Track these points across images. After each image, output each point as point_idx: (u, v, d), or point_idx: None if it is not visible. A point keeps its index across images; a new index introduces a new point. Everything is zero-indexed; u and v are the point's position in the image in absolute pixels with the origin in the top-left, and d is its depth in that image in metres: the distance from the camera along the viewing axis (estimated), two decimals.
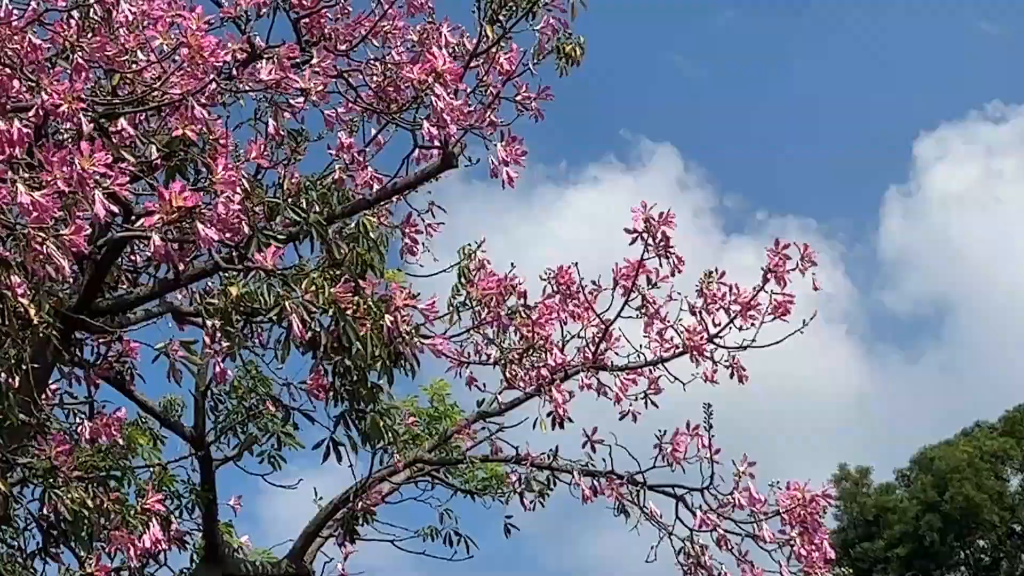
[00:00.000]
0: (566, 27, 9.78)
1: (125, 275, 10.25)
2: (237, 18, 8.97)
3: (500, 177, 9.19)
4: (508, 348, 10.85)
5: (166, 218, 7.12)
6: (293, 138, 9.73)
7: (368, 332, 8.51)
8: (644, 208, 10.70)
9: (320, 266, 9.02)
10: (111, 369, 10.23)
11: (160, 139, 8.81)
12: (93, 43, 8.05)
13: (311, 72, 8.98)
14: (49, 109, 7.51)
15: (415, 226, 10.01)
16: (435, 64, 8.82)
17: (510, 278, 10.81)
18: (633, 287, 11.09)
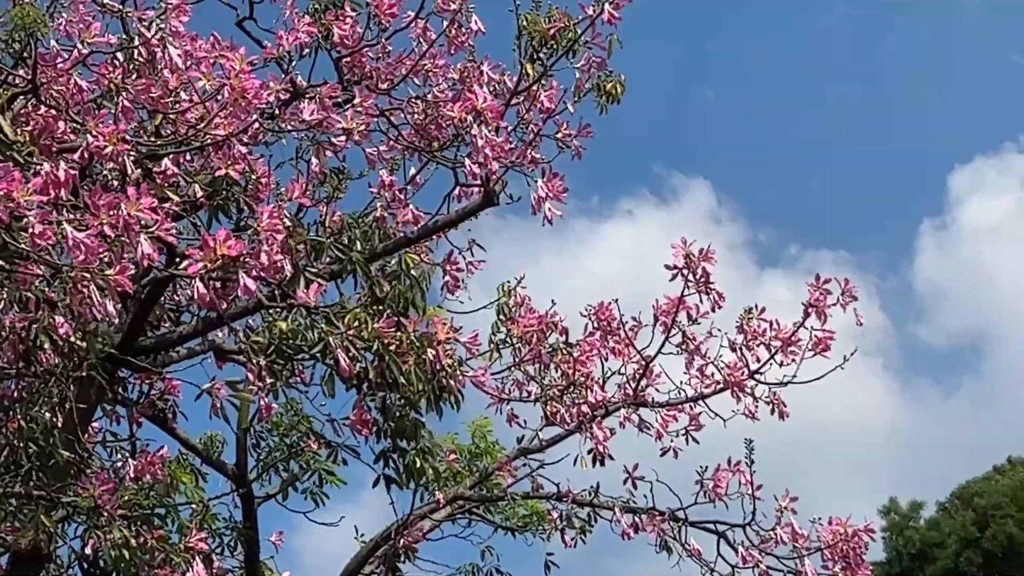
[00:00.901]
0: (604, 64, 9.80)
1: (168, 314, 10.31)
2: (280, 58, 9.03)
3: (541, 213, 9.19)
4: (549, 385, 10.86)
5: (210, 265, 7.16)
6: (335, 176, 9.77)
7: (411, 367, 8.55)
8: (684, 244, 10.70)
9: (363, 303, 9.06)
10: (153, 407, 10.29)
11: (203, 178, 8.87)
12: (138, 85, 8.11)
13: (353, 111, 9.02)
14: (94, 151, 7.56)
15: (456, 263, 10.05)
16: (476, 102, 8.86)
17: (551, 315, 10.83)
18: (673, 323, 11.10)
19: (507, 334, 10.83)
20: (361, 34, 9.45)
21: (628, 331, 11.27)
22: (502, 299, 10.96)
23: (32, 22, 7.49)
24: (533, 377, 10.97)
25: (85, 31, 8.14)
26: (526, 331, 10.71)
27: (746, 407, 11.28)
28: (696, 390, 11.35)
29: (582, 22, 9.54)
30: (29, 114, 8.05)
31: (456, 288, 10.19)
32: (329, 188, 9.81)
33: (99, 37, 8.19)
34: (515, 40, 9.54)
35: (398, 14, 9.42)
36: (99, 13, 8.59)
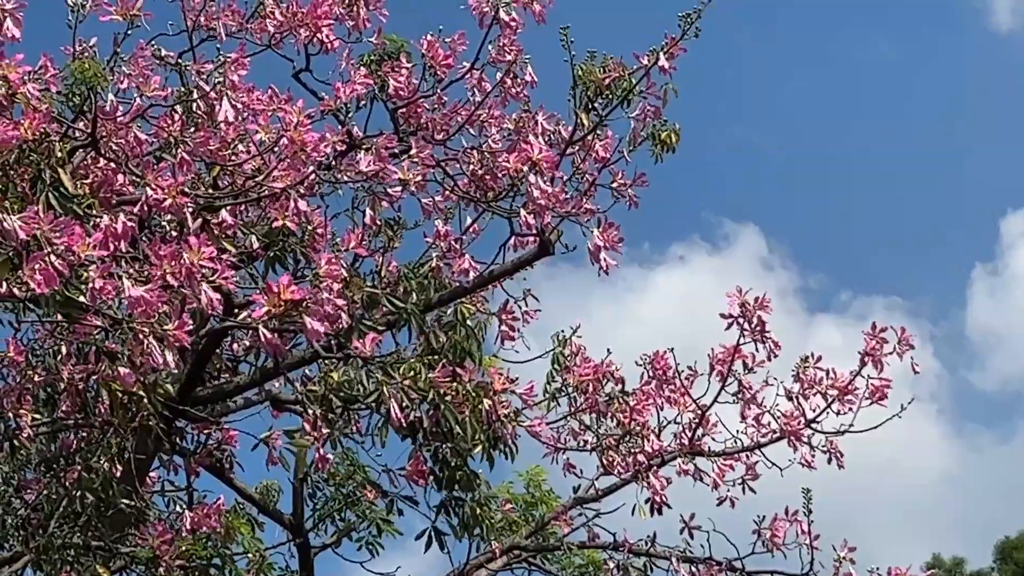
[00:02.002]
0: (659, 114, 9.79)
1: (225, 364, 10.33)
2: (336, 110, 9.05)
3: (597, 263, 9.16)
4: (605, 434, 10.79)
5: (273, 311, 7.17)
6: (390, 227, 9.76)
7: (467, 417, 8.53)
8: (740, 293, 10.65)
9: (418, 353, 9.05)
10: (211, 457, 10.30)
11: (260, 229, 8.91)
12: (196, 137, 8.15)
13: (409, 162, 9.03)
14: (154, 203, 7.59)
15: (511, 313, 10.03)
16: (531, 153, 8.86)
17: (606, 364, 10.77)
18: (729, 372, 11.02)
19: (563, 383, 10.77)
20: (417, 85, 9.49)
21: (684, 380, 11.20)
22: (557, 348, 10.89)
23: (92, 76, 7.56)
24: (589, 426, 10.89)
25: (144, 84, 8.20)
26: (582, 380, 10.65)
27: (803, 456, 11.17)
28: (753, 439, 11.25)
29: (637, 72, 9.54)
30: (89, 167, 8.09)
31: (511, 338, 10.16)
32: (384, 238, 9.79)
33: (158, 90, 8.24)
34: (570, 90, 9.56)
35: (453, 65, 9.45)
36: (158, 66, 8.66)
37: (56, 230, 6.36)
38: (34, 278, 6.25)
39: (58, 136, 7.40)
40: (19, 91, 7.30)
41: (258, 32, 9.27)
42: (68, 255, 6.36)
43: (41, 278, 6.27)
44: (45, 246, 6.32)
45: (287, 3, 9.26)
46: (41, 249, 6.32)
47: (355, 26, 9.35)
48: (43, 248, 6.33)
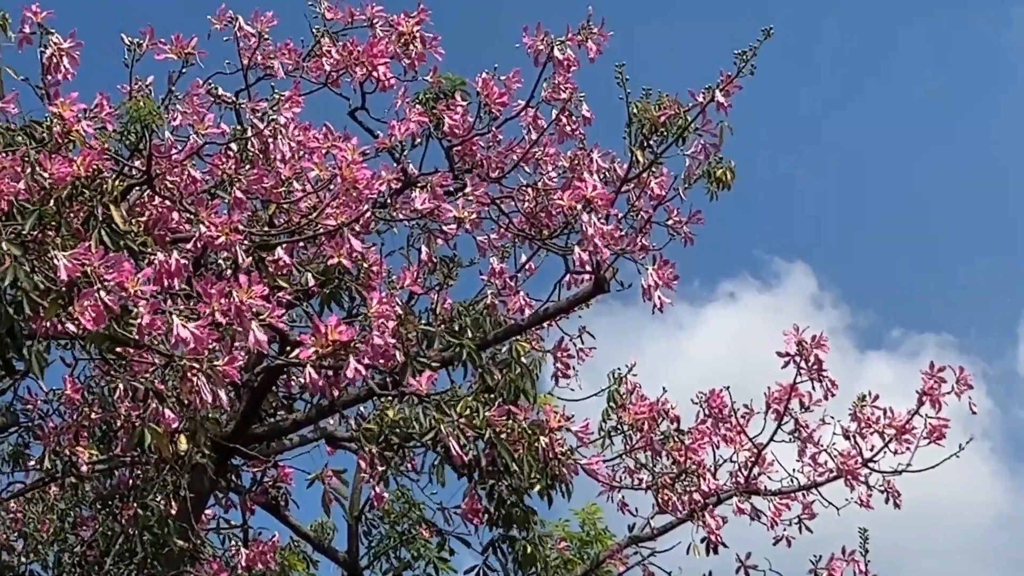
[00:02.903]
0: (716, 150, 9.67)
1: (281, 401, 10.26)
2: (392, 148, 8.99)
3: (651, 301, 9.03)
4: (661, 472, 10.65)
5: (321, 351, 7.10)
6: (445, 264, 9.68)
7: (523, 455, 8.44)
8: (796, 331, 10.51)
9: (474, 391, 8.96)
10: (266, 494, 10.24)
11: (315, 267, 8.84)
12: (251, 176, 8.10)
13: (464, 200, 8.95)
14: (207, 241, 7.53)
15: (567, 351, 9.95)
16: (586, 191, 8.74)
17: (662, 402, 10.64)
18: (786, 411, 10.86)
19: (618, 421, 10.65)
20: (472, 123, 9.40)
21: (740, 418, 11.05)
22: (613, 386, 10.77)
23: (148, 114, 7.51)
24: (644, 465, 10.76)
25: (199, 123, 8.14)
26: (637, 418, 10.52)
27: (860, 495, 10.99)
28: (809, 478, 11.07)
29: (692, 109, 9.43)
30: (144, 205, 8.04)
31: (566, 375, 10.07)
32: (440, 276, 9.71)
33: (213, 128, 8.19)
34: (625, 127, 9.44)
35: (508, 103, 9.37)
36: (213, 104, 8.62)
37: (106, 266, 6.30)
38: (84, 315, 6.19)
39: (112, 173, 7.35)
40: (73, 129, 7.27)
41: (314, 70, 9.22)
42: (118, 291, 6.30)
43: (92, 315, 6.21)
44: (95, 282, 6.26)
45: (343, 42, 9.21)
46: (91, 286, 6.26)
47: (411, 64, 9.28)
48: (93, 285, 6.27)
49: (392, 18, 9.31)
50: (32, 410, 9.97)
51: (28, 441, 10.14)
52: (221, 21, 8.96)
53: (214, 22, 8.96)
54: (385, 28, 9.31)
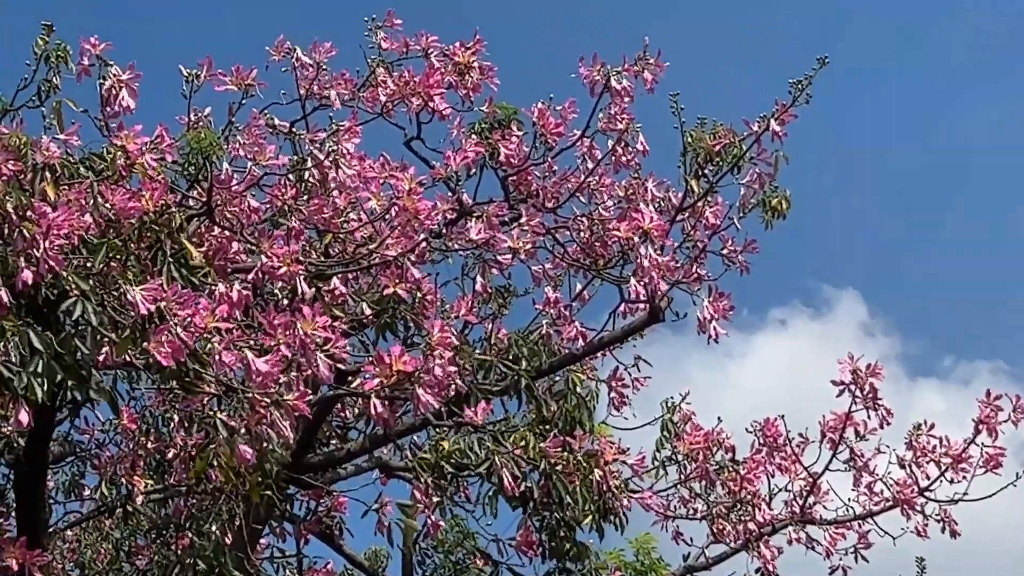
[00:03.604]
0: (771, 179, 9.62)
1: (335, 431, 10.25)
2: (448, 178, 8.97)
3: (707, 332, 9.00)
4: (715, 502, 10.58)
5: (385, 381, 7.08)
6: (500, 294, 9.65)
7: (577, 487, 8.40)
8: (851, 359, 10.44)
9: (529, 422, 8.93)
10: (320, 524, 10.23)
11: (371, 297, 8.83)
12: (310, 206, 8.10)
13: (520, 230, 8.92)
14: (268, 271, 7.53)
15: (622, 380, 9.89)
16: (642, 222, 8.73)
17: (716, 431, 10.58)
18: (841, 440, 10.78)
19: (672, 451, 10.58)
20: (527, 153, 9.37)
21: (795, 447, 10.98)
22: (666, 416, 10.70)
23: (208, 146, 7.53)
24: (699, 494, 10.69)
25: (259, 153, 8.14)
26: (692, 448, 10.45)
27: (916, 525, 10.90)
28: (865, 507, 10.99)
29: (747, 138, 9.40)
30: (204, 235, 8.05)
31: (621, 405, 10.01)
32: (494, 306, 9.68)
33: (272, 159, 8.19)
34: (680, 157, 9.41)
35: (564, 133, 9.33)
36: (272, 135, 8.63)
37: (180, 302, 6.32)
38: (160, 351, 6.20)
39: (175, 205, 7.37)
40: (137, 161, 7.28)
41: (370, 101, 9.20)
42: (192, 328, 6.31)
43: (168, 350, 6.22)
44: (170, 319, 6.27)
45: (399, 72, 9.21)
46: (164, 321, 6.27)
47: (466, 94, 9.24)
48: (167, 320, 6.28)
49: (448, 48, 9.28)
50: (89, 440, 10.01)
51: (84, 471, 10.18)
52: (279, 52, 8.97)
53: (272, 53, 8.97)
54: (441, 58, 9.29)
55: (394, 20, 9.40)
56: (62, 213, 6.56)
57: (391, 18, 9.40)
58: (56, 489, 10.22)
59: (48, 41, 8.22)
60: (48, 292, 6.65)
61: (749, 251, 9.76)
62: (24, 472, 8.59)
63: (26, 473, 8.57)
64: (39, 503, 8.66)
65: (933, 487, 10.90)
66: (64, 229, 6.49)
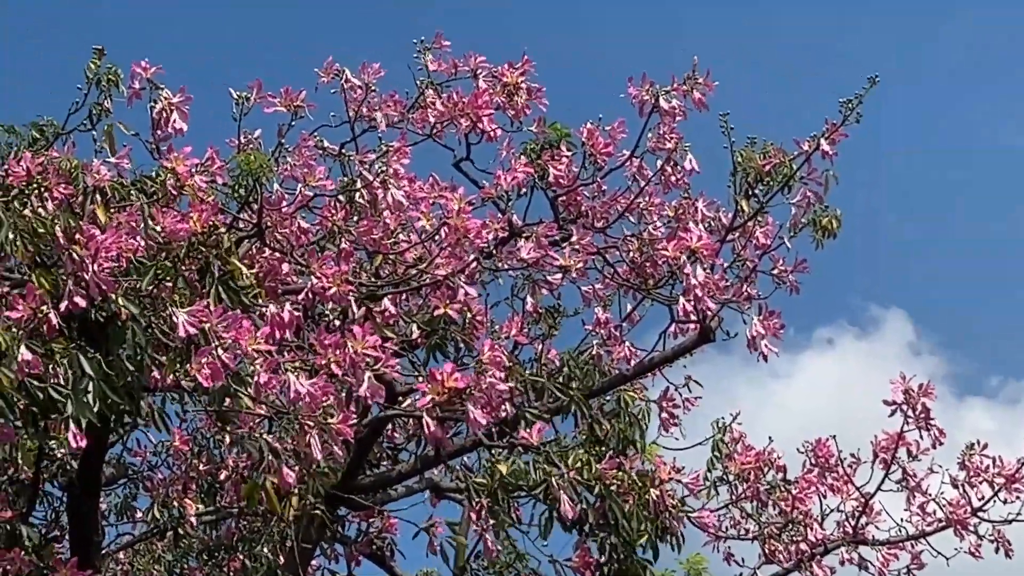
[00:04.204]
0: (820, 199, 9.50)
1: (386, 452, 10.17)
2: (498, 198, 8.88)
3: (757, 351, 8.90)
4: (767, 522, 10.42)
5: (437, 399, 6.99)
6: (550, 315, 9.55)
7: (633, 507, 8.28)
8: (903, 379, 10.29)
9: (583, 442, 8.83)
10: (371, 545, 10.14)
11: (421, 317, 8.76)
12: (360, 227, 8.03)
13: (571, 249, 8.81)
14: (318, 292, 7.45)
15: (673, 400, 9.77)
16: (690, 242, 8.61)
17: (768, 451, 10.43)
18: (893, 460, 10.62)
19: (724, 471, 10.44)
20: (577, 173, 9.27)
21: (846, 468, 10.82)
22: (717, 436, 10.56)
23: (258, 167, 7.46)
24: (751, 515, 10.54)
25: (309, 175, 8.07)
26: (743, 468, 10.31)
27: (969, 545, 10.72)
28: (918, 528, 10.81)
29: (797, 158, 9.28)
30: (254, 257, 7.98)
31: (672, 425, 9.89)
32: (544, 326, 9.58)
33: (322, 180, 8.12)
34: (730, 176, 9.31)
35: (613, 153, 9.24)
36: (321, 157, 8.55)
37: (224, 324, 6.25)
38: (202, 372, 6.14)
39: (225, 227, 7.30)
40: (187, 183, 7.23)
41: (419, 122, 9.12)
42: (235, 349, 6.24)
43: (208, 372, 6.16)
44: (213, 340, 6.21)
45: (448, 93, 9.12)
46: (209, 343, 6.21)
47: (515, 115, 9.14)
48: (211, 342, 6.22)
49: (496, 69, 9.19)
50: (141, 462, 9.97)
51: (136, 493, 10.12)
52: (328, 74, 8.89)
53: (321, 75, 8.89)
54: (489, 79, 9.20)
55: (442, 41, 9.32)
56: (111, 236, 6.50)
57: (439, 39, 9.32)
58: (108, 511, 10.18)
59: (99, 65, 8.17)
60: (97, 314, 6.59)
61: (799, 271, 9.65)
62: (77, 494, 8.55)
63: (79, 495, 8.53)
64: (92, 525, 8.61)
65: (986, 507, 10.73)
66: (113, 252, 6.43)
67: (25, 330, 6.39)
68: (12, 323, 6.41)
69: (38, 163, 7.01)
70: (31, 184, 6.91)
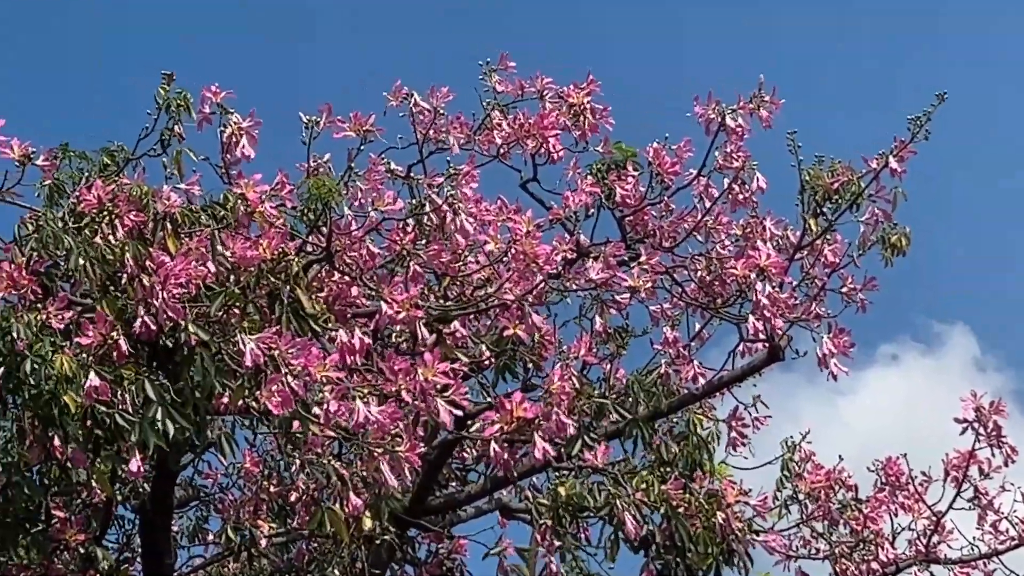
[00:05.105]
0: (890, 217, 9.33)
1: (455, 473, 10.08)
2: (566, 219, 8.77)
3: (827, 370, 8.73)
4: (838, 542, 10.24)
5: (506, 428, 6.91)
6: (618, 335, 9.41)
7: (699, 530, 8.15)
8: (974, 397, 10.09)
9: (649, 464, 8.70)
10: (441, 566, 10.03)
11: (489, 338, 8.67)
12: (429, 250, 7.94)
13: (639, 269, 8.69)
14: (388, 317, 7.37)
15: (742, 420, 9.62)
16: (759, 260, 8.49)
17: (838, 470, 10.26)
18: (965, 478, 10.42)
19: (794, 490, 10.28)
20: (643, 193, 9.16)
21: (917, 486, 10.62)
22: (786, 455, 10.40)
23: (327, 192, 7.40)
24: (821, 534, 10.37)
25: (378, 199, 7.98)
26: (814, 487, 10.15)
27: None
28: (990, 546, 10.59)
29: (866, 176, 9.13)
30: (324, 280, 7.91)
31: (741, 445, 9.73)
32: (612, 346, 9.45)
33: (390, 204, 8.03)
34: (798, 195, 9.16)
35: (680, 172, 9.12)
36: (390, 180, 8.47)
37: (293, 350, 6.18)
38: (271, 399, 6.07)
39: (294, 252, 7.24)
40: (257, 209, 7.17)
41: (485, 144, 9.02)
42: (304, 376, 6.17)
43: (278, 399, 6.09)
44: (282, 367, 6.14)
45: (514, 114, 9.02)
46: (278, 370, 6.14)
47: (581, 135, 9.04)
48: (280, 369, 6.15)
49: (562, 90, 9.08)
50: (212, 484, 9.92)
51: (208, 515, 10.08)
52: (396, 97, 8.81)
53: (390, 99, 8.81)
54: (555, 100, 9.10)
55: (508, 63, 9.22)
56: (180, 262, 6.47)
57: (504, 61, 9.23)
58: (180, 533, 10.14)
59: (169, 90, 8.12)
60: (166, 341, 6.55)
61: (868, 288, 9.49)
62: (149, 517, 8.51)
63: (151, 518, 8.49)
64: (164, 547, 8.57)
65: None
66: (182, 278, 6.40)
67: (95, 356, 6.37)
68: (82, 349, 6.39)
69: (108, 190, 7.00)
70: (102, 211, 6.89)
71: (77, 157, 7.99)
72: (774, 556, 10.36)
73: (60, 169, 7.83)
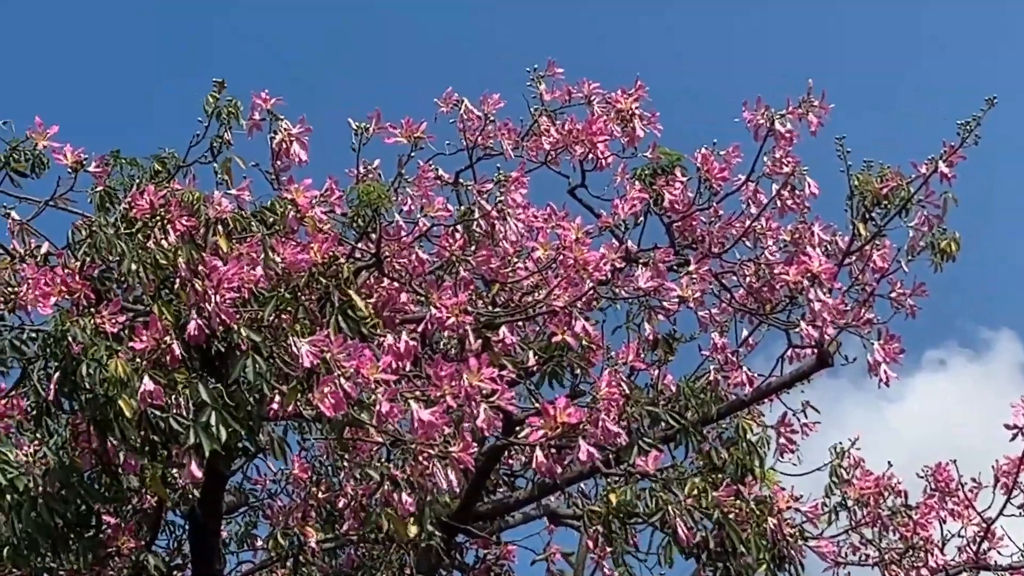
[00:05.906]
0: (940, 222, 9.24)
1: (503, 479, 10.04)
2: (615, 226, 8.71)
3: (877, 376, 8.63)
4: (887, 548, 10.14)
5: (550, 433, 6.85)
6: (667, 341, 9.34)
7: (751, 536, 8.07)
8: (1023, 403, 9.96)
9: (700, 470, 8.63)
10: (489, 572, 10.02)
11: (537, 344, 8.61)
12: (478, 256, 7.90)
13: (688, 278, 8.61)
14: (436, 322, 7.34)
15: (791, 426, 9.54)
16: (811, 265, 8.42)
17: (887, 476, 10.15)
18: (1015, 484, 10.28)
19: (843, 496, 10.18)
20: (692, 198, 9.09)
21: (967, 492, 10.50)
22: (835, 461, 10.30)
23: (377, 198, 7.38)
24: (871, 540, 10.27)
25: (428, 205, 7.95)
26: (863, 493, 10.04)
27: None
28: None
29: (915, 181, 9.04)
30: (373, 286, 7.89)
31: (789, 451, 9.65)
32: (661, 352, 9.37)
33: (440, 210, 7.99)
34: (847, 200, 9.09)
35: (728, 178, 9.05)
36: (439, 187, 8.44)
37: (345, 353, 6.15)
38: (324, 402, 6.05)
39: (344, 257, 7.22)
40: (307, 214, 7.16)
41: (533, 150, 8.99)
42: (357, 378, 6.14)
43: (332, 402, 6.07)
44: (335, 369, 6.11)
45: (562, 120, 8.98)
46: (330, 372, 6.12)
47: (629, 141, 9.00)
48: (332, 371, 6.12)
49: (610, 95, 9.04)
50: (261, 490, 9.90)
51: (256, 521, 10.06)
52: (447, 104, 8.78)
53: (440, 105, 8.78)
54: (603, 105, 9.05)
55: (555, 69, 9.17)
56: (232, 267, 6.46)
57: (552, 67, 9.18)
58: (229, 539, 10.12)
59: (219, 97, 8.12)
60: (219, 345, 6.54)
61: (918, 294, 9.39)
62: (199, 523, 8.49)
63: (201, 523, 8.47)
64: (213, 553, 8.55)
65: None
66: (234, 282, 6.39)
67: (148, 360, 6.36)
68: (136, 353, 6.39)
69: (160, 196, 7.01)
70: (154, 216, 6.89)
71: (128, 164, 8.01)
72: (824, 562, 10.29)
73: (112, 175, 7.85)
